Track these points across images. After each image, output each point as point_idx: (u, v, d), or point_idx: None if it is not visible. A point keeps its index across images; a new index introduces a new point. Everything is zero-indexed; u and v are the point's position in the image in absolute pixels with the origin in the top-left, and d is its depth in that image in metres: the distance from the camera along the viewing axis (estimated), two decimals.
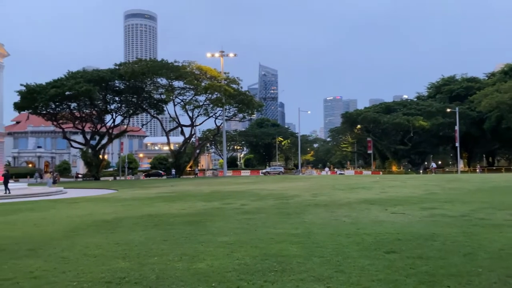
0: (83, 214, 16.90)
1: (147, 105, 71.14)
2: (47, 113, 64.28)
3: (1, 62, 59.59)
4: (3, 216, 17.00)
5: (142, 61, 68.96)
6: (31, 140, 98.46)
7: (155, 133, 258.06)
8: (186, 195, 26.04)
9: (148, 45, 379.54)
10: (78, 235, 11.58)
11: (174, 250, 9.21)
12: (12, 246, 9.96)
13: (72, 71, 64.65)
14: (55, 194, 32.68)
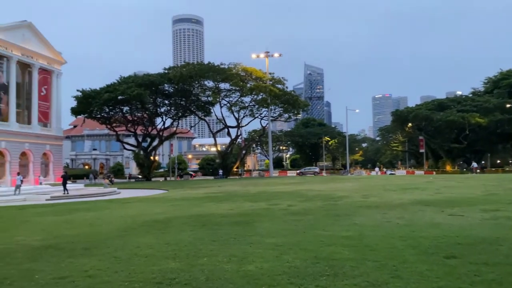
0: (135, 214, 17.37)
1: (195, 108, 72.57)
2: (101, 117, 67.23)
3: (59, 69, 63.10)
4: (61, 215, 17.84)
5: (190, 65, 70.49)
6: (87, 143, 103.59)
7: (203, 134, 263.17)
8: (233, 196, 26.16)
9: (195, 49, 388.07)
10: (130, 235, 11.85)
11: (222, 251, 9.16)
12: (69, 245, 10.34)
13: (124, 76, 67.21)
14: (110, 194, 34.00)
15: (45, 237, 11.70)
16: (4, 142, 51.17)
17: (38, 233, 12.66)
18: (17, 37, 53.93)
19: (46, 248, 9.96)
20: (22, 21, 55.91)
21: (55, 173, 60.26)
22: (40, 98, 58.36)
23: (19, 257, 8.97)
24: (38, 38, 57.65)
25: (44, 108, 59.77)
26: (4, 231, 13.27)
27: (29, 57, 55.95)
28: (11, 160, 52.60)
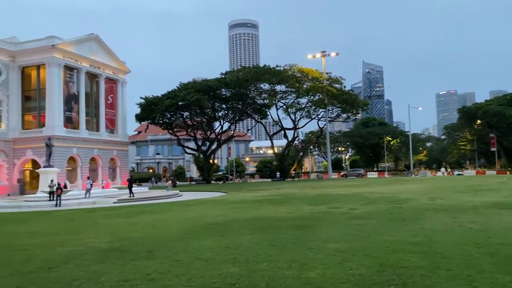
0: (196, 217, 17.67)
1: (251, 111, 73.17)
2: (163, 122, 69.87)
3: (124, 78, 66.47)
4: (127, 218, 18.58)
5: (246, 69, 71.24)
6: (151, 147, 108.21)
7: (260, 137, 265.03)
8: (292, 198, 25.87)
9: (251, 53, 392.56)
10: (191, 238, 12.00)
11: (282, 256, 8.94)
12: (133, 247, 10.65)
13: (183, 83, 69.37)
14: (172, 197, 35.09)
15: (112, 239, 12.17)
16: (75, 148, 54.75)
17: (105, 235, 13.21)
18: (85, 50, 57.57)
19: (112, 251, 10.32)
20: (89, 34, 59.58)
21: (122, 177, 63.47)
22: (107, 106, 61.85)
23: (88, 259, 9.35)
24: (104, 49, 61.16)
25: (111, 116, 63.24)
26: (75, 233, 14.01)
27: (96, 68, 59.50)
28: (82, 165, 56.14)
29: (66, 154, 53.27)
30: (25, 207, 29.13)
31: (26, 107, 54.89)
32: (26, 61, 53.49)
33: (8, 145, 52.25)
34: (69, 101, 55.07)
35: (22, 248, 11.22)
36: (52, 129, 50.98)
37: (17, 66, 53.63)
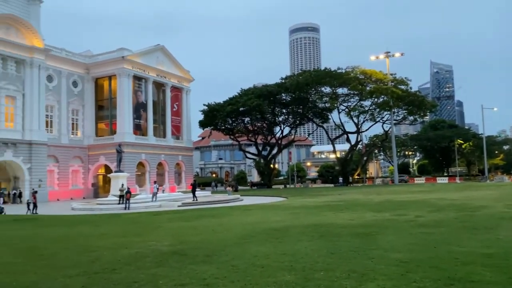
0: (255, 222, 17.68)
1: (312, 115, 72.39)
2: (225, 128, 71.36)
3: (188, 86, 68.86)
4: (188, 221, 19.06)
5: (306, 72, 70.71)
6: (214, 153, 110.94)
7: (321, 141, 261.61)
8: (354, 205, 25.08)
9: (312, 56, 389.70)
10: (248, 243, 11.98)
11: (341, 265, 8.60)
12: (192, 251, 10.83)
13: (244, 89, 70.43)
14: (233, 201, 35.57)
15: (173, 243, 12.49)
16: (144, 154, 57.56)
17: (167, 238, 13.60)
18: (152, 60, 60.52)
19: (172, 254, 10.56)
20: (156, 45, 62.54)
21: (187, 181, 65.65)
22: (172, 113, 64.48)
23: (148, 262, 9.64)
24: (169, 59, 63.89)
25: (176, 122, 65.79)
26: (140, 236, 14.59)
27: (162, 77, 62.29)
28: (150, 170, 58.86)
29: (136, 160, 56.17)
30: (98, 209, 31.02)
31: (99, 116, 58.71)
32: (98, 73, 57.30)
33: (83, 152, 56.14)
34: (138, 109, 58.08)
35: (91, 249, 11.86)
36: (123, 136, 54.01)
37: (91, 78, 57.59)
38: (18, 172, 46.47)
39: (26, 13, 47.76)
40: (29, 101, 47.07)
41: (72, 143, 54.52)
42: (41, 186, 47.02)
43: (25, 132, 46.45)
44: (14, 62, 46.62)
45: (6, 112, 45.11)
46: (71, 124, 55.09)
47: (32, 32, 47.58)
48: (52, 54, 51.16)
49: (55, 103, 52.36)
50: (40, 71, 48.56)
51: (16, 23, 46.39)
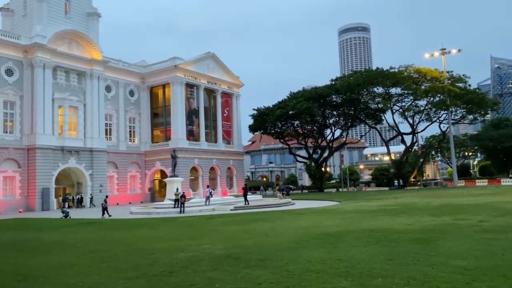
0: (307, 226, 17.49)
1: (364, 116, 70.74)
2: (275, 132, 71.51)
3: (238, 91, 69.80)
4: (241, 225, 19.22)
5: (357, 73, 69.24)
6: (264, 157, 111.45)
7: (374, 143, 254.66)
8: (411, 208, 24.12)
9: (362, 57, 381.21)
10: (302, 248, 11.86)
11: (400, 271, 8.29)
12: (246, 255, 10.90)
13: (293, 92, 70.25)
14: (285, 205, 35.47)
15: (226, 246, 12.65)
16: (197, 159, 59.01)
17: (221, 242, 13.80)
18: (203, 67, 62.04)
19: (226, 257, 10.69)
20: (206, 53, 64.03)
21: (238, 185, 66.42)
22: (223, 119, 65.64)
23: (204, 265, 9.82)
24: (219, 66, 65.17)
25: (227, 128, 66.87)
26: (195, 239, 14.91)
27: (213, 83, 63.65)
28: (203, 174, 60.20)
29: (189, 165, 57.73)
30: (154, 213, 32.14)
31: (154, 123, 61.01)
32: (153, 82, 59.62)
33: (140, 158, 58.51)
34: (190, 116, 59.74)
35: (149, 252, 12.29)
36: (177, 142, 55.74)
37: (146, 87, 60.02)
38: (81, 178, 49.29)
39: (86, 27, 50.73)
40: (90, 111, 49.87)
41: (130, 149, 57.01)
42: (102, 191, 49.56)
43: (87, 140, 49.20)
44: (76, 74, 49.65)
45: (69, 121, 48.06)
46: (129, 132, 57.65)
47: (91, 46, 50.44)
48: (110, 66, 53.91)
49: (113, 112, 55.06)
50: (99, 82, 51.34)
51: (78, 37, 49.40)
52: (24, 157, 44.30)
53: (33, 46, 44.85)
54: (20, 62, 45.18)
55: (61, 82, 48.03)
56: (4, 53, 43.76)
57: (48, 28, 46.29)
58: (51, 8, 47.41)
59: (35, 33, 45.43)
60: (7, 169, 43.03)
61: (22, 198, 43.66)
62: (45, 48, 45.45)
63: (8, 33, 45.32)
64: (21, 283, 8.85)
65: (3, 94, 43.59)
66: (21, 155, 44.13)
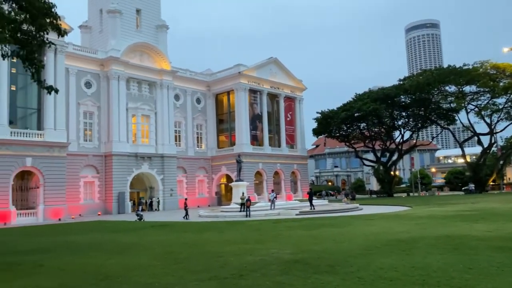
0: (378, 232, 16.90)
1: (435, 117, 67.10)
2: (340, 135, 70.07)
3: (301, 95, 69.55)
4: (308, 230, 19.04)
5: (427, 72, 65.96)
6: (329, 160, 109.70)
7: (447, 145, 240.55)
8: (491, 214, 22.40)
9: (432, 54, 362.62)
10: (373, 254, 11.48)
11: (482, 281, 7.73)
12: (315, 261, 10.77)
13: (358, 93, 68.47)
14: (352, 210, 34.60)
15: (294, 251, 12.59)
16: (261, 163, 59.60)
17: (288, 246, 13.76)
18: (266, 73, 62.68)
19: (295, 262, 10.63)
20: (269, 58, 64.61)
21: (303, 189, 66.00)
22: (286, 123, 65.72)
23: (273, 269, 9.84)
24: (282, 70, 65.45)
25: (290, 132, 66.83)
26: (262, 243, 15.02)
27: (276, 88, 64.05)
28: (267, 179, 60.67)
29: (253, 169, 58.48)
30: (221, 216, 32.91)
31: (220, 129, 62.64)
32: (218, 89, 61.32)
33: (207, 163, 60.32)
34: (254, 121, 60.55)
35: (219, 255, 12.58)
36: (241, 147, 56.75)
37: (212, 94, 61.87)
38: (153, 182, 51.83)
39: (155, 39, 53.46)
40: (160, 119, 52.38)
41: (197, 155, 58.98)
42: (173, 195, 51.75)
43: (158, 146, 51.67)
44: (147, 85, 52.46)
45: (142, 129, 50.81)
46: (196, 138, 59.71)
47: (161, 57, 53.03)
48: (178, 75, 56.28)
49: (182, 119, 57.36)
50: (168, 91, 53.79)
51: (148, 49, 52.21)
52: (102, 163, 47.53)
53: (108, 59, 48.12)
54: (97, 75, 48.67)
55: (134, 92, 50.97)
56: (84, 67, 47.38)
57: (122, 42, 49.43)
58: (124, 23, 50.60)
59: (110, 47, 48.73)
60: (87, 175, 46.43)
61: (101, 202, 46.83)
62: (119, 60, 48.54)
63: (87, 48, 49.06)
64: (102, 282, 9.46)
65: (83, 105, 47.18)
66: (99, 162, 47.39)
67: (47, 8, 15.23)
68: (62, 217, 37.91)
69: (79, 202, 44.89)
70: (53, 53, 39.43)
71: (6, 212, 34.94)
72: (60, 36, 16.35)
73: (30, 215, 36.86)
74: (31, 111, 40.07)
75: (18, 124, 38.67)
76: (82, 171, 45.97)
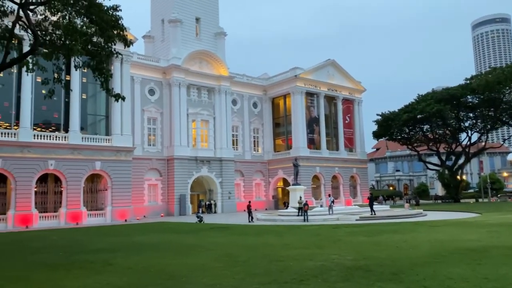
0: (444, 239, 16.05)
1: (507, 117, 62.51)
2: (401, 138, 67.47)
3: (359, 97, 67.96)
4: (369, 236, 18.49)
5: (497, 69, 61.68)
6: (390, 164, 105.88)
7: None
8: None
9: (502, 51, 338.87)
10: (440, 263, 10.92)
11: None
12: (377, 268, 10.43)
13: (421, 94, 65.58)
14: (415, 216, 33.13)
15: (356, 257, 12.28)
16: (318, 167, 58.92)
17: (349, 252, 13.46)
18: (323, 75, 61.99)
19: (357, 269, 10.37)
20: (326, 60, 63.87)
21: (362, 194, 64.29)
22: (344, 126, 64.45)
23: (334, 275, 9.67)
24: (340, 72, 64.39)
25: (349, 135, 65.43)
26: (321, 248, 14.82)
27: (333, 90, 63.11)
28: (325, 183, 59.82)
29: (311, 173, 57.95)
30: (279, 220, 32.92)
31: (276, 132, 62.79)
32: (274, 93, 61.57)
33: (264, 166, 60.71)
34: (311, 124, 60.05)
35: (278, 259, 12.59)
36: (298, 151, 56.49)
37: (268, 98, 62.24)
38: (212, 185, 53.05)
39: (213, 46, 54.85)
40: (218, 123, 53.57)
41: (254, 158, 59.53)
42: (231, 198, 52.63)
43: (216, 150, 52.84)
44: (206, 91, 53.92)
45: (201, 134, 52.25)
46: (253, 142, 60.32)
47: (219, 63, 54.30)
48: (235, 80, 57.27)
49: (239, 123, 58.26)
50: (226, 96, 54.90)
51: (207, 56, 53.68)
52: (164, 166, 49.46)
53: (170, 67, 50.07)
54: (160, 82, 50.80)
55: (194, 98, 52.58)
56: (147, 75, 49.68)
57: (182, 50, 51.24)
58: (184, 31, 52.45)
59: (171, 56, 50.71)
60: (151, 178, 48.53)
61: (163, 204, 48.71)
62: (180, 68, 50.35)
63: (150, 57, 51.43)
64: (168, 282, 9.82)
65: (147, 112, 49.44)
66: (162, 165, 49.36)
67: (115, 21, 16.21)
68: (128, 218, 39.90)
69: (144, 204, 47.02)
70: (120, 63, 41.74)
71: (78, 212, 37.42)
72: (126, 46, 17.35)
73: (99, 216, 39.18)
74: (100, 118, 42.70)
75: (88, 130, 41.34)
76: (146, 174, 48.11)
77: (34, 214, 35.14)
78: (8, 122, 36.42)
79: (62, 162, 37.10)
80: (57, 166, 36.81)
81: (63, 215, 36.68)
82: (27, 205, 34.96)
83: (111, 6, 16.21)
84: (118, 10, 16.19)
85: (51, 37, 16.07)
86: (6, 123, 36.32)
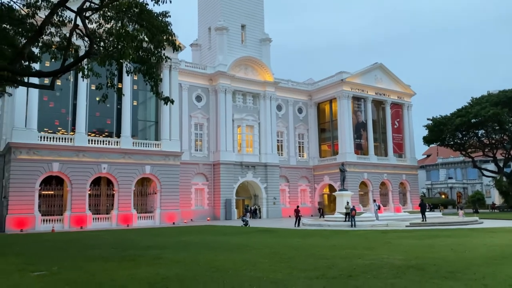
0: (503, 244, 15.12)
1: None
2: (454, 143, 64.48)
3: (409, 101, 65.82)
4: (421, 239, 17.75)
5: None
6: (442, 171, 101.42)
7: None
8: None
9: None
10: (498, 264, 10.27)
11: None
12: (431, 267, 9.98)
13: (475, 97, 62.51)
14: (470, 223, 31.45)
15: (407, 257, 11.82)
16: (366, 173, 57.48)
17: (399, 253, 12.98)
18: (370, 79, 60.66)
19: (408, 268, 9.97)
20: (374, 63, 62.48)
21: (413, 201, 61.96)
22: (393, 131, 62.54)
23: (385, 273, 9.35)
24: (388, 76, 62.74)
25: (398, 140, 63.41)
26: (370, 249, 14.39)
27: (381, 94, 61.52)
28: (373, 189, 58.20)
29: (358, 179, 56.62)
30: (326, 225, 32.36)
31: (322, 138, 61.99)
32: (320, 98, 60.93)
33: (309, 172, 60.06)
34: (358, 129, 58.79)
35: (325, 257, 12.36)
36: (344, 156, 55.40)
37: (313, 103, 61.69)
38: (257, 190, 53.19)
39: (259, 52, 55.32)
40: (263, 129, 53.77)
41: (299, 164, 59.06)
42: (276, 203, 52.48)
43: (261, 155, 52.99)
44: (251, 96, 54.38)
45: (246, 139, 52.64)
46: (298, 147, 59.91)
47: (264, 69, 54.65)
48: (280, 86, 57.32)
49: (284, 129, 58.15)
50: (271, 102, 55.06)
51: (252, 62, 54.22)
52: (211, 171, 50.23)
53: (216, 74, 51.02)
54: (206, 89, 51.87)
55: (239, 104, 53.17)
56: (195, 82, 50.91)
57: (228, 57, 52.10)
58: (230, 38, 53.36)
59: (217, 63, 51.68)
60: (198, 182, 49.44)
61: (209, 208, 49.41)
62: (226, 75, 51.17)
63: (197, 65, 52.71)
64: (215, 273, 9.91)
65: (194, 117, 50.57)
66: (208, 170, 50.17)
67: (164, 26, 16.81)
68: (176, 221, 40.80)
69: (191, 207, 47.92)
70: (168, 70, 43.08)
71: (129, 215, 38.76)
72: (175, 50, 17.86)
73: (148, 218, 40.36)
74: (150, 124, 44.18)
75: (139, 135, 42.86)
76: (193, 178, 49.07)
77: (88, 216, 36.79)
78: (65, 128, 38.59)
79: (114, 166, 38.67)
80: (109, 169, 38.41)
81: (114, 217, 38.14)
82: (81, 207, 36.68)
83: (161, 12, 16.86)
84: (167, 16, 16.77)
85: (105, 43, 16.96)
86: (63, 129, 38.49)
